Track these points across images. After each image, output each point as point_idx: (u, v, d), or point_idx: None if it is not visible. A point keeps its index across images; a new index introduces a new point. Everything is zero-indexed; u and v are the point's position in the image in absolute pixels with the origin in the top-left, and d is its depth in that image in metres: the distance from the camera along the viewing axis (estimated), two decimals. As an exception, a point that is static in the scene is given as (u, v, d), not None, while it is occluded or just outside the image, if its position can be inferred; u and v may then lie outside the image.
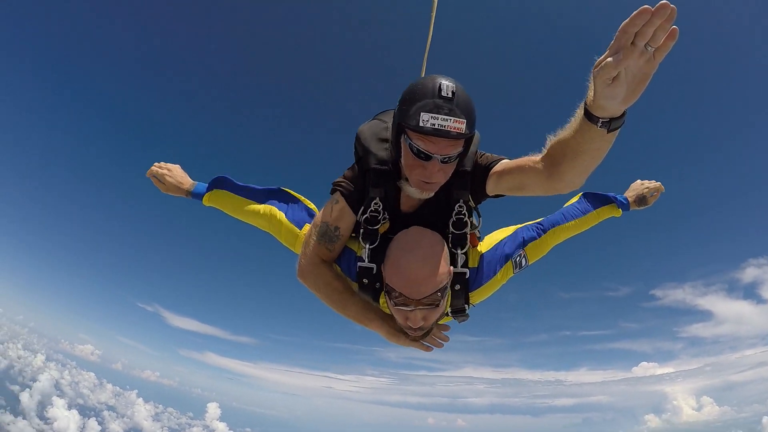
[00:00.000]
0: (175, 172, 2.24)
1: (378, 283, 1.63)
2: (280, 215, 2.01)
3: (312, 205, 2.09)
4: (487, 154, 1.71)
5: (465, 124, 1.38)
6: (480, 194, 1.71)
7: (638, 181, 2.33)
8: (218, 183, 2.18)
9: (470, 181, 1.68)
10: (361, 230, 1.69)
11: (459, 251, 1.67)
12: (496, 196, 1.71)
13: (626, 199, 2.26)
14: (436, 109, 1.35)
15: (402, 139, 1.49)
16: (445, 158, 1.45)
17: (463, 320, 1.88)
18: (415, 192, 1.61)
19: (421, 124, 1.37)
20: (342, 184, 1.72)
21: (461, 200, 1.67)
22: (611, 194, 2.25)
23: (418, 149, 1.43)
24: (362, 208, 1.68)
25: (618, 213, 2.23)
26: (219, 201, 2.16)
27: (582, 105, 1.15)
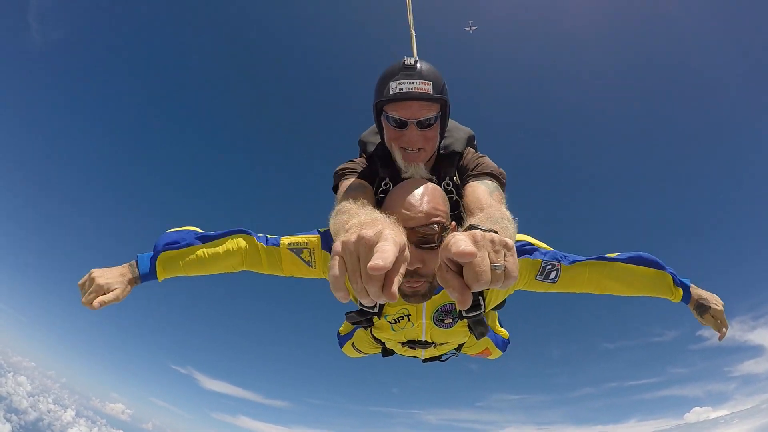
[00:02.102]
0: (99, 275, 1.48)
1: None
2: (252, 239, 1.69)
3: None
4: (486, 161, 1.68)
5: (431, 86, 1.49)
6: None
7: (721, 306, 1.67)
8: (163, 245, 1.65)
9: (458, 165, 1.71)
10: None
11: None
12: None
13: (689, 286, 1.69)
14: (401, 77, 1.49)
15: (382, 119, 1.59)
16: (421, 123, 1.51)
17: (482, 332, 1.67)
18: (403, 166, 1.59)
19: (390, 92, 1.49)
20: (348, 167, 1.73)
21: (447, 177, 1.67)
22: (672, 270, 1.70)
23: (393, 119, 1.52)
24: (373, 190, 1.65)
25: (677, 295, 1.67)
26: (173, 265, 1.64)
27: None
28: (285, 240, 1.68)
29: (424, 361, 2.07)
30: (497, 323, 2.11)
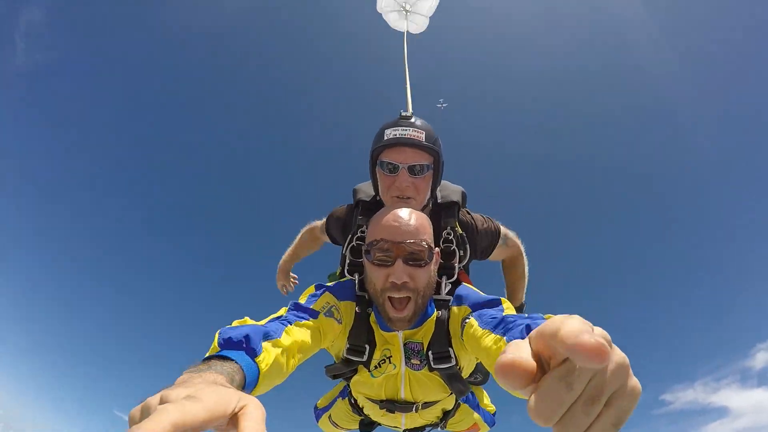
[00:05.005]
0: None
1: (369, 307, 1.43)
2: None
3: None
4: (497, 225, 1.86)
5: (424, 135, 1.58)
6: (480, 251, 1.82)
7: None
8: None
9: (475, 236, 1.76)
10: (347, 262, 1.57)
11: (445, 280, 1.46)
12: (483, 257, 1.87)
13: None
14: (396, 125, 1.61)
15: (377, 169, 1.66)
16: (412, 169, 1.58)
17: (461, 390, 1.51)
18: None
19: (385, 138, 1.60)
20: (332, 214, 1.95)
21: (449, 227, 1.68)
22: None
23: (386, 164, 1.60)
24: (350, 236, 1.67)
25: None
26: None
27: None
28: (315, 307, 1.36)
29: None
30: (485, 398, 2.10)
